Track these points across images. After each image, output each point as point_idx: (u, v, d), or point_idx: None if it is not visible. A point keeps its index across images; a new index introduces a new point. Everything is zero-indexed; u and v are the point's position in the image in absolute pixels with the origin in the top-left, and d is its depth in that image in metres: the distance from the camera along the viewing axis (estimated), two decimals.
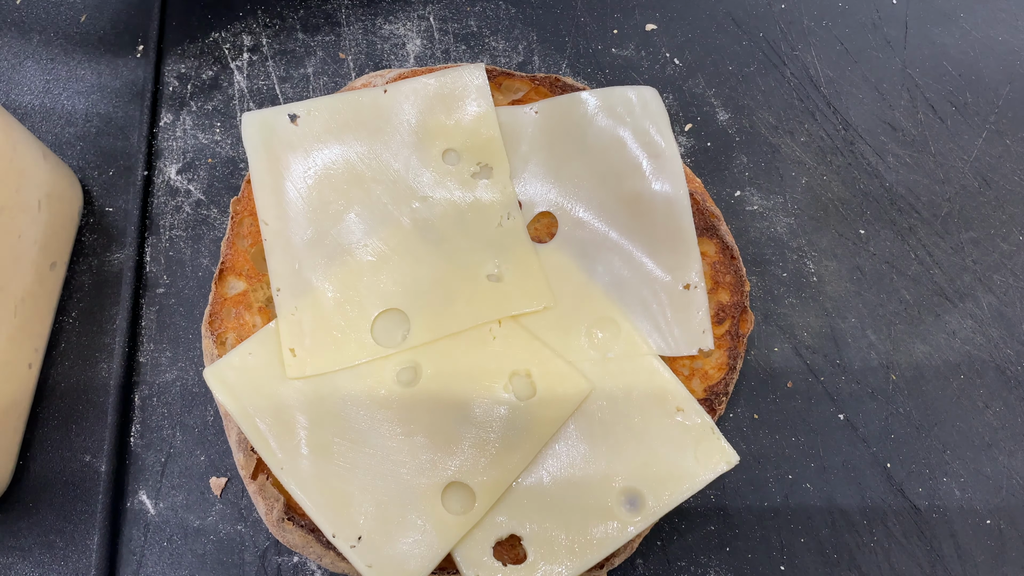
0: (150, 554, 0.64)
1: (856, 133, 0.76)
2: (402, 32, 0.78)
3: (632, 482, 0.59)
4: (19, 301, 0.63)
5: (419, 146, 0.65)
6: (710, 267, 0.66)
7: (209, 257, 0.71)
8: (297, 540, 0.59)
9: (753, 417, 0.68)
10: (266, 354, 0.61)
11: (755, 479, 0.67)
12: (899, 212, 0.73)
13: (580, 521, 0.59)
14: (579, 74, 0.77)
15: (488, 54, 0.78)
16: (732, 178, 0.74)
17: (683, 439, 0.60)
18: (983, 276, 0.72)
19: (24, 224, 0.63)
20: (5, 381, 0.62)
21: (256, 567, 0.64)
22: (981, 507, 0.66)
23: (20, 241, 0.62)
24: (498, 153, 0.65)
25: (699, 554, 0.65)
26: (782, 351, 0.70)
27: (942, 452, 0.68)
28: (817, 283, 0.72)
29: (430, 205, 0.65)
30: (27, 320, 0.65)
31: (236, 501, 0.65)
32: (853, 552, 0.65)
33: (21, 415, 0.65)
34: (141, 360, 0.69)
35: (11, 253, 0.62)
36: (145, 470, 0.66)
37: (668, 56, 0.78)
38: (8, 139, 0.61)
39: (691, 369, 0.64)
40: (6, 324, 0.62)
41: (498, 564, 0.58)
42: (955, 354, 0.70)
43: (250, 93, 0.76)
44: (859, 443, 0.67)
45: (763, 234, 0.73)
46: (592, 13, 0.79)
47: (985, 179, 0.75)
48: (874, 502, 0.66)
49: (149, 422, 0.67)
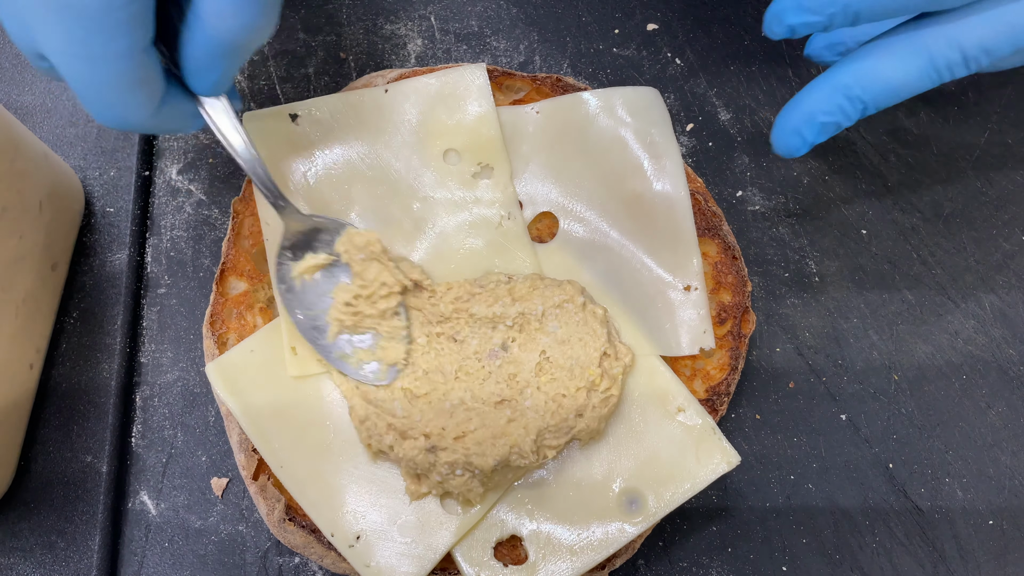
0: (151, 555, 0.64)
1: (858, 133, 0.75)
2: (403, 32, 0.78)
3: (633, 482, 0.59)
4: (20, 302, 0.63)
5: (420, 146, 0.65)
6: (712, 267, 0.65)
7: (210, 257, 0.71)
8: (298, 540, 0.59)
9: (755, 417, 0.68)
10: (268, 351, 0.61)
11: (757, 479, 0.67)
12: (901, 212, 0.73)
13: (581, 521, 0.59)
14: (580, 74, 0.77)
15: (489, 54, 0.78)
16: (734, 178, 0.74)
17: (684, 439, 0.60)
18: (985, 276, 0.72)
19: (26, 225, 0.63)
20: (7, 382, 0.62)
21: (257, 567, 0.64)
22: (983, 507, 0.66)
23: (22, 242, 0.62)
24: (499, 153, 0.65)
25: (701, 555, 0.65)
26: (784, 351, 0.70)
27: (944, 452, 0.67)
28: (819, 283, 0.71)
29: (431, 205, 0.65)
30: (28, 321, 0.65)
31: (237, 502, 0.65)
32: (855, 553, 0.65)
33: (22, 416, 0.65)
34: (142, 360, 0.69)
35: (13, 254, 0.62)
36: (146, 470, 0.66)
37: (670, 56, 0.78)
38: (10, 139, 0.61)
39: (693, 370, 0.64)
40: (8, 325, 0.62)
41: (499, 565, 0.58)
42: (957, 354, 0.70)
43: (251, 93, 0.76)
44: (861, 443, 0.67)
45: (765, 234, 0.73)
46: (593, 13, 0.79)
47: (987, 179, 0.74)
48: (876, 502, 0.66)
49: (150, 422, 0.67)
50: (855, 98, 0.54)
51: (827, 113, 0.55)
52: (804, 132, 0.57)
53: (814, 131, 0.56)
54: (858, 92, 0.54)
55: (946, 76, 0.53)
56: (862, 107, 0.55)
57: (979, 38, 0.51)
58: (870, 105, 0.55)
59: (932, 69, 0.53)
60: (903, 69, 0.53)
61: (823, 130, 0.56)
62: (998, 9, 0.51)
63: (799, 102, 0.57)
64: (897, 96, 0.54)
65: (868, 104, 0.54)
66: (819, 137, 0.57)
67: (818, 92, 0.56)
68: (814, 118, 0.56)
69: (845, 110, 0.55)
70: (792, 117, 0.57)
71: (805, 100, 0.56)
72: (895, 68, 0.53)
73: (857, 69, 0.54)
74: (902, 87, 0.54)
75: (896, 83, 0.53)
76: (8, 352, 0.62)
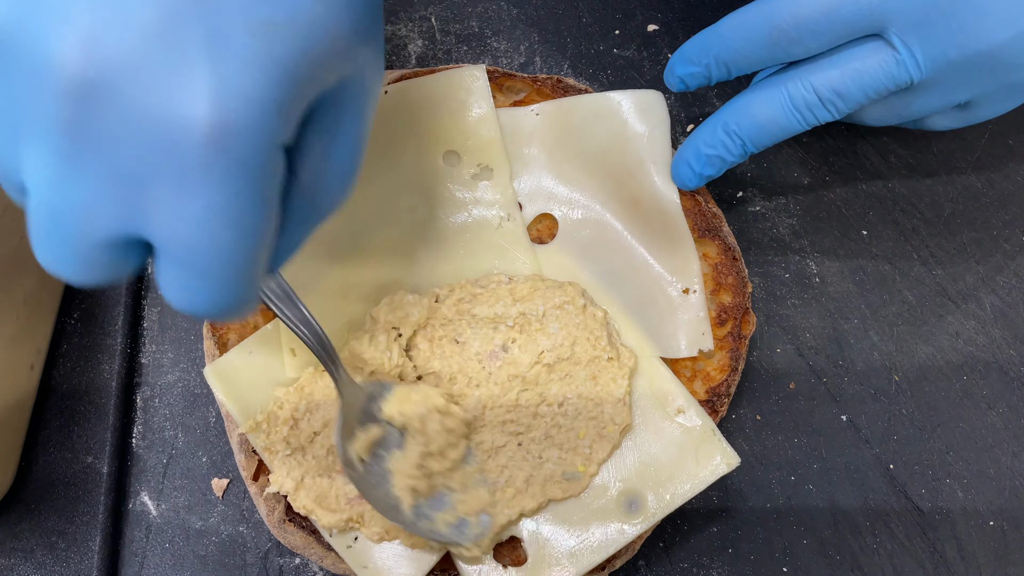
0: (152, 555, 0.64)
1: (858, 133, 0.75)
2: (404, 33, 0.78)
3: (633, 483, 0.59)
4: (21, 302, 0.63)
5: (419, 147, 0.65)
6: (712, 268, 0.65)
7: None
8: (299, 541, 0.59)
9: (755, 418, 0.68)
10: (267, 353, 0.61)
11: (757, 480, 0.66)
12: (901, 212, 0.73)
13: (581, 523, 0.59)
14: (581, 75, 0.77)
15: (490, 55, 0.78)
16: (734, 179, 0.74)
17: (684, 440, 0.60)
18: (986, 277, 0.72)
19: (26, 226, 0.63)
20: (7, 382, 0.62)
21: (258, 568, 0.64)
22: (984, 508, 0.66)
23: (22, 243, 0.63)
24: (498, 154, 0.65)
25: (701, 556, 0.65)
26: (784, 352, 0.70)
27: (945, 453, 0.67)
28: (819, 284, 0.71)
29: (431, 206, 0.65)
30: (29, 321, 0.65)
31: (238, 502, 0.65)
32: (856, 554, 0.65)
33: (23, 416, 0.65)
34: (143, 361, 0.69)
35: (14, 254, 0.62)
36: (147, 471, 0.66)
37: (670, 57, 0.78)
38: None
39: (693, 371, 0.64)
40: (9, 325, 0.62)
41: (499, 566, 0.58)
42: (958, 355, 0.70)
43: None
44: (862, 444, 0.67)
45: (765, 235, 0.73)
46: (594, 14, 0.79)
47: (988, 179, 0.74)
48: (877, 503, 0.66)
49: (151, 423, 0.67)
50: (732, 132, 0.59)
51: (709, 146, 0.60)
52: (692, 163, 0.61)
53: (700, 162, 0.61)
54: (734, 127, 0.59)
55: (810, 118, 0.57)
56: (740, 142, 0.59)
57: (828, 79, 0.56)
58: (747, 141, 0.59)
59: (793, 108, 0.57)
60: (768, 107, 0.58)
61: (709, 162, 0.61)
62: (847, 54, 0.55)
63: (691, 136, 0.62)
64: (768, 133, 0.58)
65: (744, 139, 0.59)
66: (706, 168, 0.61)
67: (705, 127, 0.61)
68: (699, 150, 0.61)
69: (726, 144, 0.59)
70: (684, 150, 0.62)
71: (695, 134, 0.61)
72: (761, 106, 0.58)
73: (734, 106, 0.60)
74: (769, 123, 0.58)
75: (763, 119, 0.58)
76: (9, 353, 0.62)
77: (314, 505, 0.57)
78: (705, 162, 0.61)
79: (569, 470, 0.58)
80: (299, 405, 0.59)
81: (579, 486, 0.58)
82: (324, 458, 0.58)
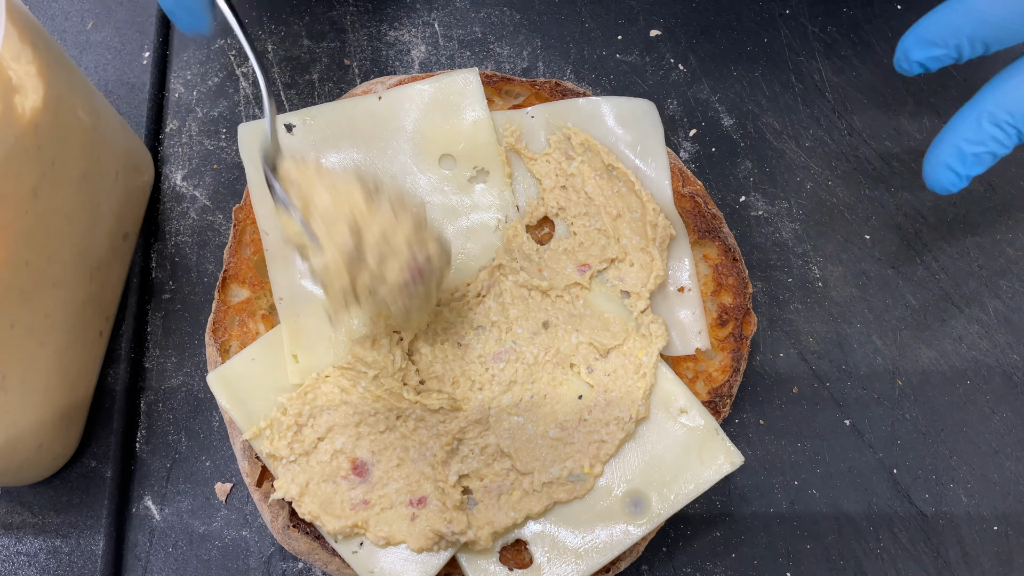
0: (155, 559, 0.64)
1: (861, 138, 0.75)
2: (407, 39, 0.79)
3: (637, 484, 0.59)
4: (95, 268, 0.64)
5: (416, 152, 0.66)
6: (712, 269, 0.66)
7: (215, 263, 0.71)
8: (303, 547, 0.59)
9: (759, 423, 0.68)
10: (269, 360, 0.61)
11: (761, 485, 0.66)
12: (904, 217, 0.73)
13: (586, 524, 0.59)
14: (583, 80, 0.77)
15: (493, 60, 0.78)
16: (737, 183, 0.74)
17: (687, 440, 0.60)
18: (989, 281, 0.72)
19: (103, 193, 0.63)
20: (79, 346, 0.63)
21: (261, 573, 0.64)
22: (988, 513, 0.66)
23: (98, 209, 0.63)
24: (494, 157, 0.66)
25: (705, 560, 0.65)
26: (788, 356, 0.70)
27: (948, 458, 0.67)
28: (822, 288, 0.71)
29: (428, 210, 0.65)
30: (101, 288, 0.65)
31: (241, 507, 0.65)
32: (859, 559, 0.65)
33: (91, 381, 0.66)
34: (147, 366, 0.69)
35: (90, 220, 0.62)
36: (151, 475, 0.66)
37: (672, 62, 0.78)
38: (92, 106, 0.61)
39: (695, 372, 0.64)
40: (83, 290, 0.62)
41: (504, 569, 0.58)
42: (961, 359, 0.70)
43: (255, 99, 0.76)
44: (865, 449, 0.67)
45: (768, 239, 0.73)
46: (596, 19, 0.79)
47: (991, 184, 0.74)
48: (880, 508, 0.66)
49: (155, 428, 0.67)
50: (1003, 123, 0.52)
51: (975, 143, 0.53)
52: (954, 166, 0.54)
53: (966, 163, 0.54)
54: (1004, 117, 0.51)
55: None
56: (1015, 132, 0.52)
57: None
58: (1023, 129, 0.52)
59: None
60: None
61: (978, 160, 0.54)
62: None
63: (946, 134, 0.54)
64: None
65: (1021, 128, 0.52)
66: (973, 169, 0.54)
67: (962, 122, 0.53)
68: (962, 150, 0.53)
69: (997, 137, 0.52)
70: (940, 151, 0.55)
71: (951, 132, 0.54)
72: None
73: (996, 94, 0.52)
74: None
75: None
76: (80, 317, 0.63)
77: (319, 511, 0.57)
78: (973, 161, 0.54)
79: (575, 471, 0.58)
80: (302, 411, 0.59)
81: (584, 487, 0.58)
82: (328, 464, 0.58)
